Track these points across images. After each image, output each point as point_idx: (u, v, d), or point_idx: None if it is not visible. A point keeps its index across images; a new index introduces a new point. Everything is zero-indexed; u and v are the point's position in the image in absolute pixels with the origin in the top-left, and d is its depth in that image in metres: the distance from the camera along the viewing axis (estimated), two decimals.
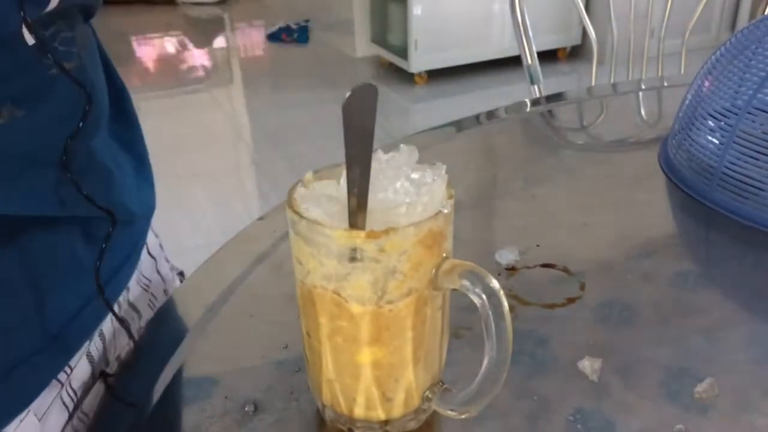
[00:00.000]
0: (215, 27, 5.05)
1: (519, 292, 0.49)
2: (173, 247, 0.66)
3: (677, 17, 1.25)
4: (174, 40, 4.63)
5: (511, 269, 0.52)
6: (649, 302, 0.48)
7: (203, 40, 4.64)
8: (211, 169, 2.66)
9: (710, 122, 0.61)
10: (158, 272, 0.57)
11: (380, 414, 0.36)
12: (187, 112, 3.36)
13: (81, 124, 0.39)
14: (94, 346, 0.46)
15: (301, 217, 0.32)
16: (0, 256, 0.38)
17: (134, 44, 4.54)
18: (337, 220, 0.32)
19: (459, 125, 0.81)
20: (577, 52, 3.73)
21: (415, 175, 0.34)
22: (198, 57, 4.28)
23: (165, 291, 0.58)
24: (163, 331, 0.49)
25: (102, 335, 0.47)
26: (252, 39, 4.66)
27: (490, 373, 0.32)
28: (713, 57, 0.65)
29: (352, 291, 0.32)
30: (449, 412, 0.36)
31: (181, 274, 0.62)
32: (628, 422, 0.38)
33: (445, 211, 0.32)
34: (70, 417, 0.43)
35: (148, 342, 0.48)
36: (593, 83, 1.29)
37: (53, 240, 0.41)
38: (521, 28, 1.16)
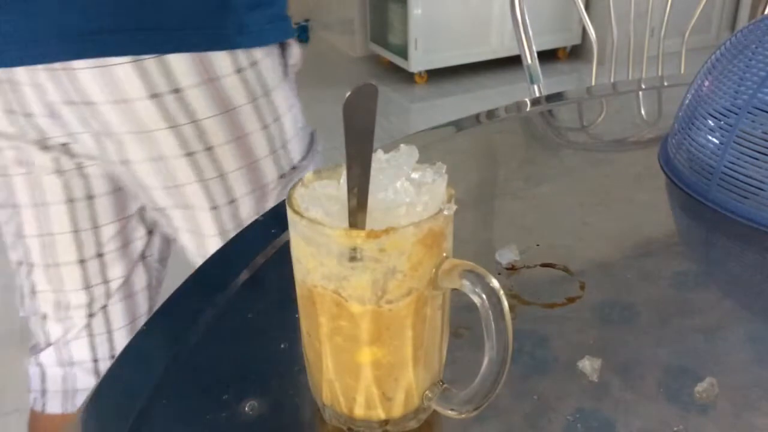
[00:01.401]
0: None
1: (519, 291, 0.49)
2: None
3: (677, 17, 1.25)
4: None
5: (511, 269, 0.52)
6: (649, 302, 0.48)
7: None
8: None
9: (710, 122, 0.61)
10: None
11: (380, 413, 0.36)
12: None
13: None
14: None
15: (301, 216, 0.32)
16: None
17: None
18: (337, 219, 0.32)
19: (459, 125, 0.81)
20: (577, 52, 3.73)
21: (415, 175, 0.34)
22: None
23: None
24: (163, 329, 0.49)
25: None
26: None
27: (490, 372, 0.32)
28: (713, 57, 0.65)
29: (352, 291, 0.32)
30: (449, 411, 0.36)
31: None
32: (628, 422, 0.38)
33: (446, 211, 0.32)
34: None
35: (147, 341, 0.48)
36: (593, 83, 1.29)
37: None
38: (521, 27, 1.16)
